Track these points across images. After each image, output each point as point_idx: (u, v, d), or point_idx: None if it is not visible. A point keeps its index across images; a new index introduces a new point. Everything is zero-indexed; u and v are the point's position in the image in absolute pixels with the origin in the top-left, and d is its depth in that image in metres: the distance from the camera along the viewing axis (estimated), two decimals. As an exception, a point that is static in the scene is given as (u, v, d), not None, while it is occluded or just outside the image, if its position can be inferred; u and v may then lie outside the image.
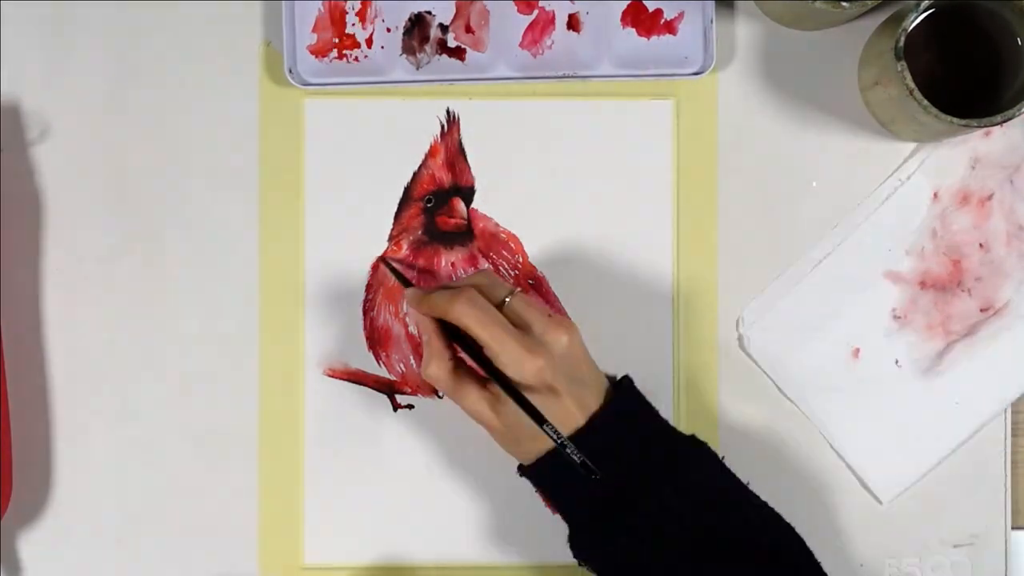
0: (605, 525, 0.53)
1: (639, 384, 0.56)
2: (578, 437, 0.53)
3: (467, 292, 0.53)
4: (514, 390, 0.52)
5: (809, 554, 0.54)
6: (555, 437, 0.51)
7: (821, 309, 0.62)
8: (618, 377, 0.57)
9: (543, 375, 0.52)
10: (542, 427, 0.51)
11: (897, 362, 0.63)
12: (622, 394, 0.55)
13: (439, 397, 0.63)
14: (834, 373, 0.62)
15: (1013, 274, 0.62)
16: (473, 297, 0.53)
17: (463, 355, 0.55)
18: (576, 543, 0.55)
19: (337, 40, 0.62)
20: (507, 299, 0.54)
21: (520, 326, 0.53)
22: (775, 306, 0.63)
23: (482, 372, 0.54)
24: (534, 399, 0.52)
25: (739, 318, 0.63)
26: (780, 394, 0.63)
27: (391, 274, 0.62)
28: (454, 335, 0.55)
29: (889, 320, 0.63)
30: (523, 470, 0.56)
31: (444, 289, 0.55)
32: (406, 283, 0.60)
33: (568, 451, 0.51)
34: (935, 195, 0.62)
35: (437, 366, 0.55)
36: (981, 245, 0.62)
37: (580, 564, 0.56)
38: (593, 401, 0.54)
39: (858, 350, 0.62)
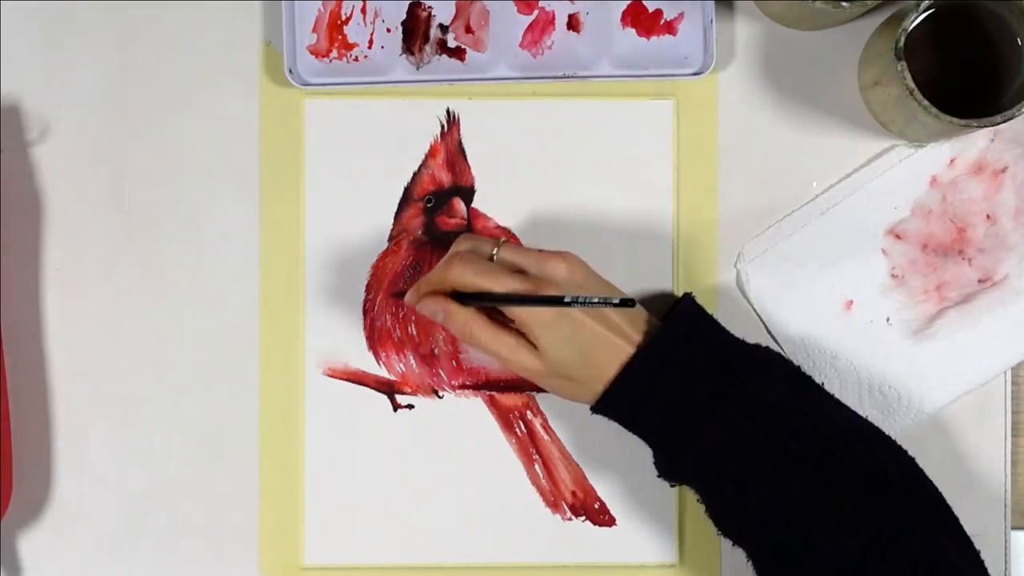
0: (675, 447, 0.54)
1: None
2: (636, 358, 0.54)
3: (456, 255, 0.55)
4: (530, 298, 0.53)
5: (912, 464, 0.53)
6: (570, 300, 0.52)
7: (821, 256, 0.62)
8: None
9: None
10: (563, 303, 0.52)
11: (888, 320, 0.63)
12: (678, 312, 0.56)
13: (439, 397, 0.63)
14: (824, 322, 0.62)
15: (1016, 249, 0.62)
16: (464, 256, 0.55)
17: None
18: (657, 464, 0.57)
19: (337, 40, 0.63)
20: (495, 252, 0.56)
21: (517, 271, 0.55)
22: (776, 246, 0.63)
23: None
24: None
25: (740, 253, 0.63)
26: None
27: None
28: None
29: (886, 277, 0.63)
30: (594, 409, 0.56)
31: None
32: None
33: (583, 300, 0.51)
34: (952, 161, 0.62)
35: (472, 326, 0.55)
36: (988, 216, 0.62)
37: (671, 485, 0.57)
38: (633, 324, 0.55)
39: (851, 302, 0.62)
